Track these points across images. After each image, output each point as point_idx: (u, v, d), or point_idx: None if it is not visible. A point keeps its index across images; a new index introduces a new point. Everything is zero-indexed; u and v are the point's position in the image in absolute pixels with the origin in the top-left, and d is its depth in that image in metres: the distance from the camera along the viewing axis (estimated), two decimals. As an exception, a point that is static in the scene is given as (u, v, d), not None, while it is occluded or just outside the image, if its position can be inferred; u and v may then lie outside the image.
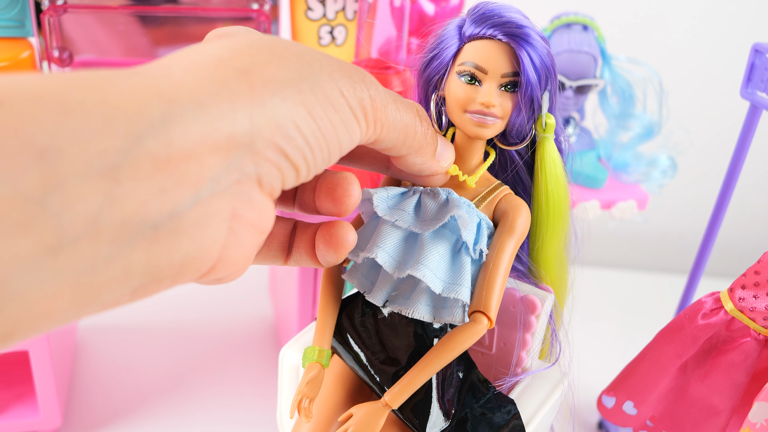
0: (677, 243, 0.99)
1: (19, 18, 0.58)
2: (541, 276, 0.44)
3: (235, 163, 0.24)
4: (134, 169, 0.21)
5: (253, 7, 0.62)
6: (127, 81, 0.22)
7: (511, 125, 0.40)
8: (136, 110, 0.21)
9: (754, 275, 0.45)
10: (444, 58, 0.39)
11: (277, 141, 0.25)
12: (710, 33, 0.92)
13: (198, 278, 0.26)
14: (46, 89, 0.20)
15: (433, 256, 0.37)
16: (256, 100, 0.24)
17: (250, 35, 0.27)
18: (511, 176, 0.43)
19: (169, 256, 0.23)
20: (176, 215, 0.22)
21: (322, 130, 0.26)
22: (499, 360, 0.46)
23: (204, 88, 0.23)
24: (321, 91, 0.26)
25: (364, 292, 0.39)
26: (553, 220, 0.42)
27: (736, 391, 0.47)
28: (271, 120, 0.24)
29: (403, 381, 0.37)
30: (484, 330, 0.37)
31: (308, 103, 0.25)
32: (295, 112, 0.25)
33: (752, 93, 0.50)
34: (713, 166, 0.82)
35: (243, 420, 0.63)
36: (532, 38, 0.37)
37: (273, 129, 0.24)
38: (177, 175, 0.22)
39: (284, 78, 0.25)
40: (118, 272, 0.21)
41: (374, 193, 0.39)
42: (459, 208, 0.37)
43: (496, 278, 0.37)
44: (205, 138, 0.23)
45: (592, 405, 0.64)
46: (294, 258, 0.33)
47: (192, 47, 0.26)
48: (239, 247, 0.26)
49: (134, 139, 0.21)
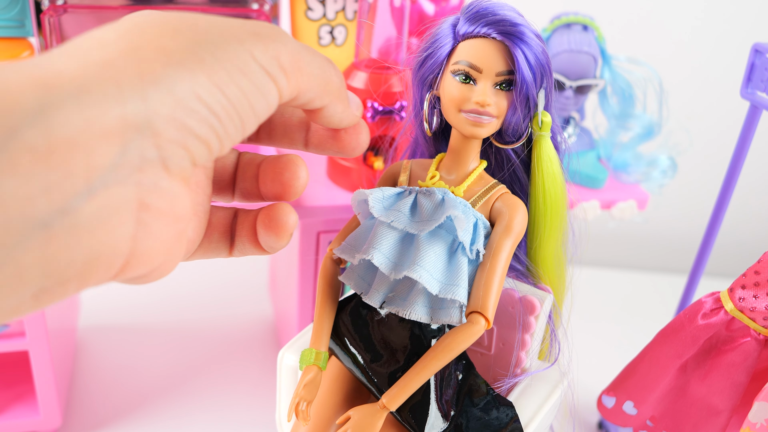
0: (677, 243, 0.99)
1: (19, 18, 0.58)
2: (539, 275, 0.44)
3: (133, 148, 0.22)
4: (12, 164, 0.19)
5: (253, 7, 0.62)
6: (5, 72, 0.20)
7: (506, 124, 0.40)
8: (12, 101, 0.20)
9: (754, 275, 0.45)
10: (438, 58, 0.39)
11: (179, 117, 0.22)
12: (710, 33, 0.92)
13: (114, 277, 0.24)
14: None
15: (429, 257, 0.36)
16: (146, 77, 0.22)
17: (141, 16, 0.25)
18: (508, 175, 0.43)
19: (68, 255, 0.21)
20: (69, 211, 0.20)
21: (229, 97, 0.24)
22: (498, 360, 0.46)
23: (86, 71, 0.21)
24: (225, 56, 0.24)
25: (360, 293, 0.39)
26: (551, 218, 0.42)
27: (736, 391, 0.47)
28: (167, 95, 0.22)
29: (401, 382, 0.37)
30: (481, 331, 0.37)
31: (210, 71, 0.23)
32: (196, 82, 0.23)
33: (752, 93, 0.50)
34: (713, 166, 0.82)
35: (243, 420, 0.63)
36: (527, 36, 0.37)
37: (171, 105, 0.22)
38: (63, 166, 0.20)
39: (178, 48, 0.23)
40: (10, 276, 0.20)
41: (370, 193, 0.39)
42: (455, 208, 0.37)
43: (493, 278, 0.37)
44: (90, 124, 0.20)
45: (592, 405, 0.64)
46: (238, 247, 0.32)
47: (82, 35, 0.24)
48: (153, 239, 0.24)
49: (9, 132, 0.19)
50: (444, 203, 0.38)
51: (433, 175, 0.41)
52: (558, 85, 0.63)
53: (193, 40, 0.24)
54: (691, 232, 0.85)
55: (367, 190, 0.39)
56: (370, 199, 0.38)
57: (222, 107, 0.24)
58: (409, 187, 0.40)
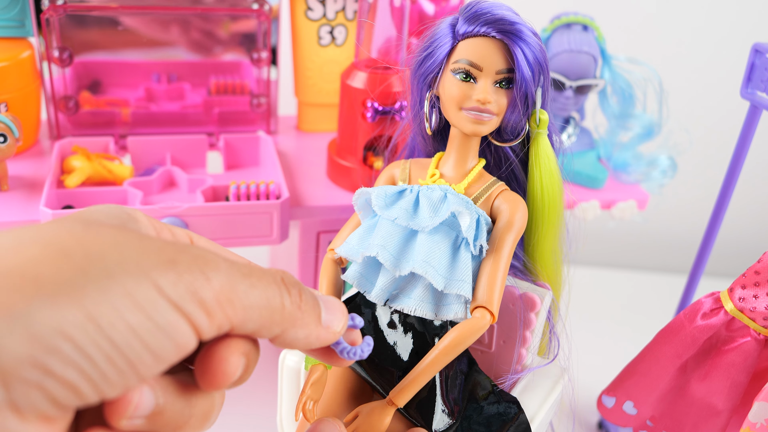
0: (677, 243, 0.99)
1: (19, 18, 0.58)
2: (537, 272, 0.45)
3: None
4: None
5: (253, 7, 0.62)
6: None
7: (506, 121, 0.40)
8: None
9: (754, 275, 0.45)
10: (438, 57, 0.40)
11: (36, 355, 0.20)
12: (710, 33, 0.92)
13: None
14: None
15: (434, 253, 0.37)
16: (2, 310, 0.20)
17: (50, 228, 0.23)
18: (506, 173, 0.43)
19: None
20: None
21: (112, 338, 0.21)
22: (498, 357, 0.46)
23: None
24: (116, 288, 0.21)
25: (364, 291, 0.39)
26: (549, 215, 0.42)
27: (736, 391, 0.47)
28: (23, 331, 0.20)
29: (407, 379, 0.37)
30: (487, 325, 0.37)
31: (91, 305, 0.20)
32: (64, 317, 0.20)
33: (752, 93, 0.50)
34: (713, 166, 0.82)
35: (243, 421, 0.63)
36: (525, 34, 0.38)
37: (27, 342, 0.20)
38: None
39: (57, 277, 0.21)
40: None
41: (372, 192, 0.39)
42: (458, 204, 0.37)
43: (497, 273, 0.37)
44: None
45: (592, 405, 0.64)
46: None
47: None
48: None
49: None
50: (446, 200, 0.38)
51: (434, 173, 0.41)
52: (558, 85, 0.63)
53: (80, 268, 0.21)
54: (691, 232, 0.85)
55: (369, 189, 0.39)
56: (373, 197, 0.39)
57: (99, 349, 0.20)
58: (411, 185, 0.40)
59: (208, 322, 0.23)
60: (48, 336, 0.20)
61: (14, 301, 0.20)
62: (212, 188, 0.57)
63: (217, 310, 0.23)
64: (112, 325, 0.21)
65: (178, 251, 0.23)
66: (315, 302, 0.28)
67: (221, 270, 0.24)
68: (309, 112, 0.71)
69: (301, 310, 0.27)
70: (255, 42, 0.64)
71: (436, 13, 0.66)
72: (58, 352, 0.20)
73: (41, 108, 0.62)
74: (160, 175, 0.59)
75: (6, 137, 0.52)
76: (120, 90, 0.64)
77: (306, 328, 0.27)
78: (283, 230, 0.55)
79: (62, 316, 0.20)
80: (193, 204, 0.52)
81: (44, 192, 0.51)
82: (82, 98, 0.62)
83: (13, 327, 0.20)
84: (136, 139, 0.60)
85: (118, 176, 0.57)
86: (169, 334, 0.22)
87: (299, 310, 0.27)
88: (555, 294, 0.46)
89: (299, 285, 0.27)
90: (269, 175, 0.61)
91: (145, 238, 0.23)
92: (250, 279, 0.25)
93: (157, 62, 0.64)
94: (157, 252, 0.23)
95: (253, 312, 0.24)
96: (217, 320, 0.23)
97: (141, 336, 0.21)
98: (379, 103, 0.54)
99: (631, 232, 0.97)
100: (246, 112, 0.67)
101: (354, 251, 0.39)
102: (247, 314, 0.24)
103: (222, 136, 0.63)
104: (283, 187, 0.55)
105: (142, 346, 0.21)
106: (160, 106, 0.65)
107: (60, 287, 0.21)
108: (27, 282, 0.20)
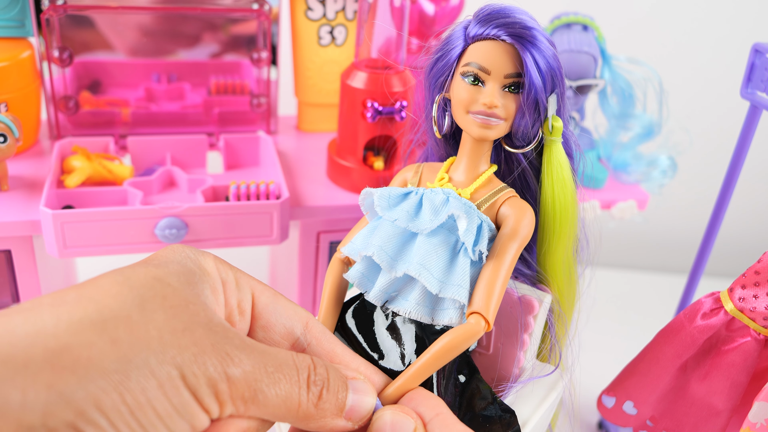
0: (677, 243, 0.99)
1: (19, 18, 0.58)
2: (548, 282, 0.44)
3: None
4: None
5: (254, 8, 0.62)
6: None
7: (516, 127, 0.39)
8: None
9: (754, 275, 0.45)
10: (449, 59, 0.39)
11: (76, 423, 0.23)
12: (710, 33, 0.92)
13: None
14: None
15: (430, 256, 0.36)
16: (56, 385, 0.23)
17: (111, 302, 0.26)
18: (518, 180, 0.43)
19: None
20: None
21: (137, 416, 0.24)
22: (497, 360, 0.46)
23: (2, 366, 0.23)
24: (152, 381, 0.25)
25: (364, 291, 0.39)
26: (560, 224, 0.42)
27: (736, 391, 0.47)
28: (69, 403, 0.23)
29: (397, 382, 0.36)
30: (481, 332, 0.36)
31: (125, 392, 0.24)
32: (101, 396, 0.24)
33: (752, 93, 0.50)
34: (713, 166, 0.82)
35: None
36: (538, 40, 0.37)
37: (71, 412, 0.23)
38: None
39: (102, 365, 0.24)
40: None
41: (375, 192, 0.39)
42: (459, 209, 0.37)
43: (495, 280, 0.37)
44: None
45: (592, 405, 0.64)
46: None
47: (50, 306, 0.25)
48: None
49: None
50: (447, 203, 0.38)
51: (442, 177, 0.41)
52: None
53: (125, 356, 0.25)
54: (691, 232, 0.85)
55: (374, 189, 0.39)
56: (376, 197, 0.38)
57: (126, 424, 0.24)
58: (416, 188, 0.40)
59: (221, 409, 0.26)
60: (89, 410, 0.23)
61: (66, 380, 0.23)
62: (212, 188, 0.57)
63: (234, 404, 0.26)
64: (141, 408, 0.24)
65: (215, 337, 0.26)
66: (339, 394, 0.30)
67: (249, 362, 0.27)
68: (309, 112, 0.71)
69: (318, 408, 0.28)
70: (255, 42, 0.64)
71: (436, 13, 0.66)
72: (94, 423, 0.23)
73: (41, 108, 0.62)
74: (160, 175, 0.59)
75: (6, 137, 0.52)
76: (120, 90, 0.64)
77: (319, 422, 0.29)
78: (283, 230, 0.55)
79: (102, 395, 0.24)
80: (193, 204, 0.52)
81: (44, 192, 0.51)
82: (82, 98, 0.62)
83: (62, 399, 0.23)
84: (136, 139, 0.60)
85: (118, 176, 0.57)
86: (187, 416, 0.25)
87: (315, 407, 0.28)
88: (564, 305, 0.45)
89: (325, 380, 0.29)
90: (269, 175, 0.61)
91: (190, 326, 0.26)
92: (276, 375, 0.27)
93: (157, 62, 0.64)
94: (193, 338, 0.26)
95: (267, 409, 0.27)
96: (230, 407, 0.26)
97: (163, 418, 0.25)
98: (379, 103, 0.54)
99: (631, 232, 0.97)
100: (246, 112, 0.67)
101: (356, 251, 0.39)
102: (260, 410, 0.27)
103: (222, 136, 0.63)
104: (283, 187, 0.55)
105: (162, 425, 0.25)
106: (160, 106, 0.65)
107: (105, 372, 0.24)
108: (80, 365, 0.24)
